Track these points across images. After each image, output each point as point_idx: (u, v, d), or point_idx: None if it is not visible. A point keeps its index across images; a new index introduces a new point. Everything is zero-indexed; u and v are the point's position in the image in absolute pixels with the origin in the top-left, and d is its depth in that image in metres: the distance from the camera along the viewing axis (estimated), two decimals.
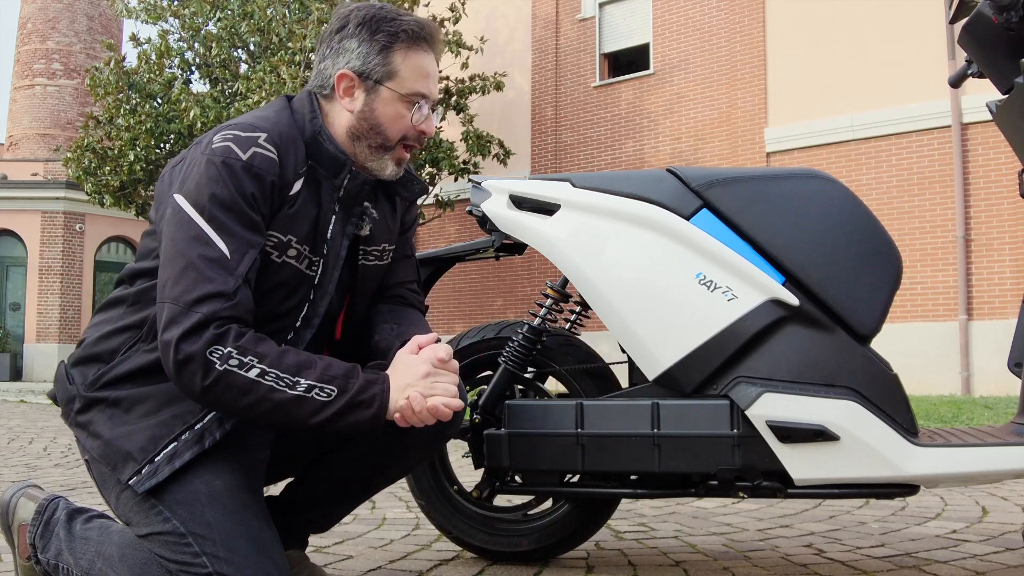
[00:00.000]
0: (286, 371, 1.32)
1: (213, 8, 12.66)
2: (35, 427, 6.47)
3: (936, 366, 10.12)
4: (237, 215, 1.36)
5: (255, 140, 1.41)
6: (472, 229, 14.12)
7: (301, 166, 1.47)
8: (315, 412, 1.33)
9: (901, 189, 10.70)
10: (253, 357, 1.31)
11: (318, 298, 1.52)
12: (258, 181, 1.38)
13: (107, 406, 1.43)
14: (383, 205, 1.64)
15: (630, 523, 2.61)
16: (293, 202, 1.45)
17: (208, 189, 1.36)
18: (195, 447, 1.37)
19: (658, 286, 1.79)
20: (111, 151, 12.40)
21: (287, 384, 1.32)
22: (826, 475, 1.68)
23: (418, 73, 1.49)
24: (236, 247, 1.35)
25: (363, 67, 1.49)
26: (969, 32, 1.89)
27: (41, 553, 1.51)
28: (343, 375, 1.36)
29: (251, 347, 1.32)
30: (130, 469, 1.37)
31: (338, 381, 1.35)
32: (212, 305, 1.31)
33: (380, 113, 1.49)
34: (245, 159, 1.38)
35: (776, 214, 1.78)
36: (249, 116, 1.48)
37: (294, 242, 1.46)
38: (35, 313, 17.74)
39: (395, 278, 1.71)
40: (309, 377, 1.33)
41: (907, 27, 10.68)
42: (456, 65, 12.89)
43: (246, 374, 1.30)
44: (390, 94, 1.48)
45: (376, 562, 2.09)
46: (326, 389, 1.34)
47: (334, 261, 1.53)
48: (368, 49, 1.48)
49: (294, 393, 1.32)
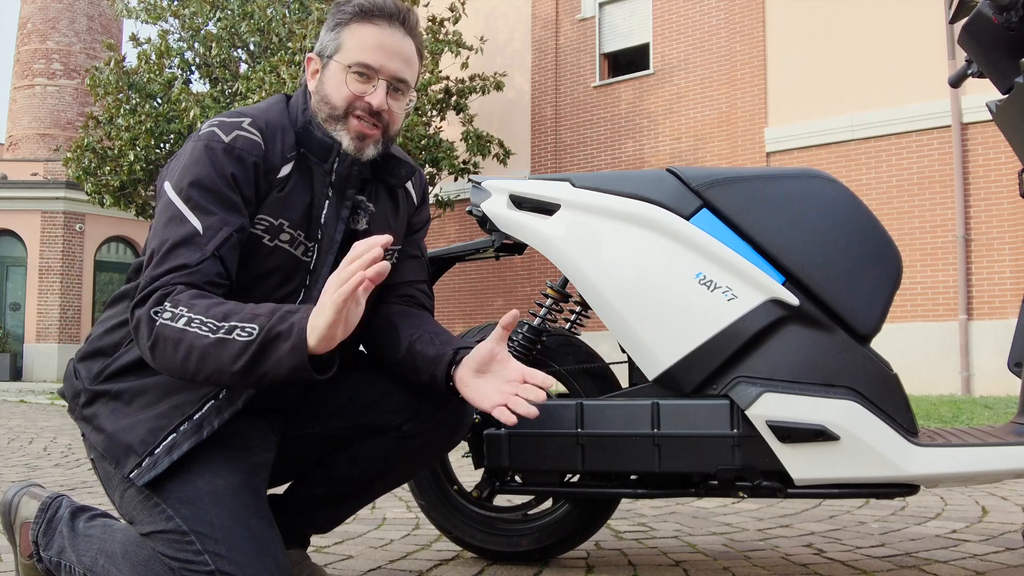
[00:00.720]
0: (213, 316, 1.30)
1: (213, 8, 12.67)
2: (35, 427, 6.47)
3: (936, 366, 10.12)
4: (215, 194, 1.40)
5: (239, 124, 1.46)
6: (472, 229, 14.12)
7: (289, 151, 1.50)
8: (237, 355, 1.27)
9: (901, 189, 10.70)
10: (184, 308, 1.32)
11: (312, 283, 1.52)
12: (239, 162, 1.43)
13: (110, 399, 1.45)
14: (384, 202, 1.64)
15: (630, 523, 2.61)
16: (283, 185, 1.48)
17: (190, 171, 1.42)
18: (193, 437, 1.38)
19: (658, 286, 1.79)
20: (111, 151, 12.40)
21: (211, 328, 1.29)
22: (826, 475, 1.68)
23: (363, 44, 1.49)
24: (210, 223, 1.39)
25: (321, 47, 1.55)
26: (969, 32, 1.89)
27: (43, 551, 1.51)
28: (268, 312, 1.30)
29: (185, 300, 1.32)
30: (131, 462, 1.38)
31: (260, 319, 1.29)
32: (171, 276, 1.35)
33: (327, 84, 1.52)
34: (227, 141, 1.43)
35: (776, 214, 1.78)
36: (242, 108, 1.54)
37: (286, 226, 1.48)
38: (35, 313, 17.74)
39: (403, 277, 1.69)
40: (234, 319, 1.30)
41: (907, 27, 10.68)
42: (456, 65, 12.89)
43: (175, 324, 1.31)
44: (336, 66, 1.51)
45: (376, 562, 2.09)
46: (247, 328, 1.28)
47: (328, 246, 1.53)
48: (326, 30, 1.55)
49: (216, 336, 1.28)
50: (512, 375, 1.42)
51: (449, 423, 1.62)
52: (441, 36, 12.54)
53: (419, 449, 1.62)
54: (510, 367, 1.43)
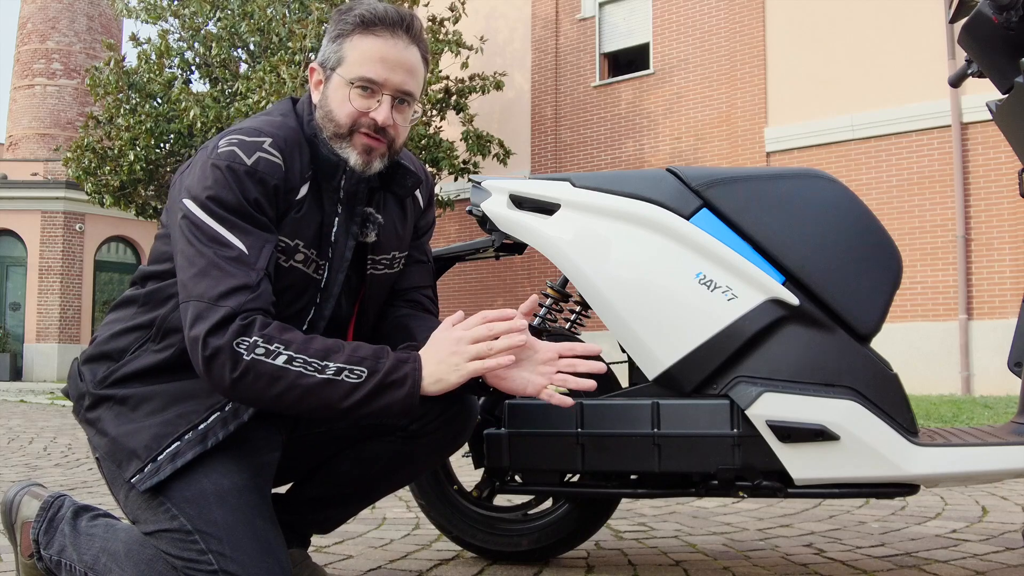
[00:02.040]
0: (314, 355, 1.32)
1: (213, 8, 12.66)
2: (35, 427, 6.47)
3: (936, 366, 10.12)
4: (247, 217, 1.38)
5: (260, 145, 1.42)
6: (472, 229, 14.12)
7: (307, 170, 1.47)
8: (346, 395, 1.32)
9: (901, 189, 10.70)
10: (279, 344, 1.31)
11: (323, 301, 1.52)
12: (262, 186, 1.40)
13: (115, 403, 1.45)
14: (392, 210, 1.62)
15: (630, 523, 2.61)
16: (300, 207, 1.46)
17: (215, 193, 1.37)
18: (198, 447, 1.38)
19: (658, 286, 1.79)
20: (111, 151, 12.40)
21: (315, 368, 1.31)
22: (826, 475, 1.68)
23: (365, 57, 1.45)
24: (252, 243, 1.37)
25: (323, 58, 1.50)
26: (969, 32, 1.89)
27: (44, 550, 1.51)
28: (372, 355, 1.35)
29: (277, 335, 1.32)
30: (134, 467, 1.39)
31: (367, 362, 1.34)
32: (237, 298, 1.32)
33: (331, 99, 1.48)
34: (249, 164, 1.39)
35: (776, 214, 1.78)
36: (255, 120, 1.49)
37: (301, 246, 1.47)
38: (35, 313, 17.74)
39: (409, 282, 1.69)
40: (337, 360, 1.33)
41: (907, 27, 10.68)
42: (456, 65, 12.89)
43: (274, 361, 1.30)
44: (338, 79, 1.47)
45: (376, 562, 2.09)
46: (356, 370, 1.32)
47: (339, 264, 1.52)
48: (328, 40, 1.50)
49: (323, 377, 1.31)
50: (547, 355, 1.43)
51: (455, 424, 1.62)
52: (441, 36, 12.54)
53: (425, 450, 1.62)
54: (541, 349, 1.44)
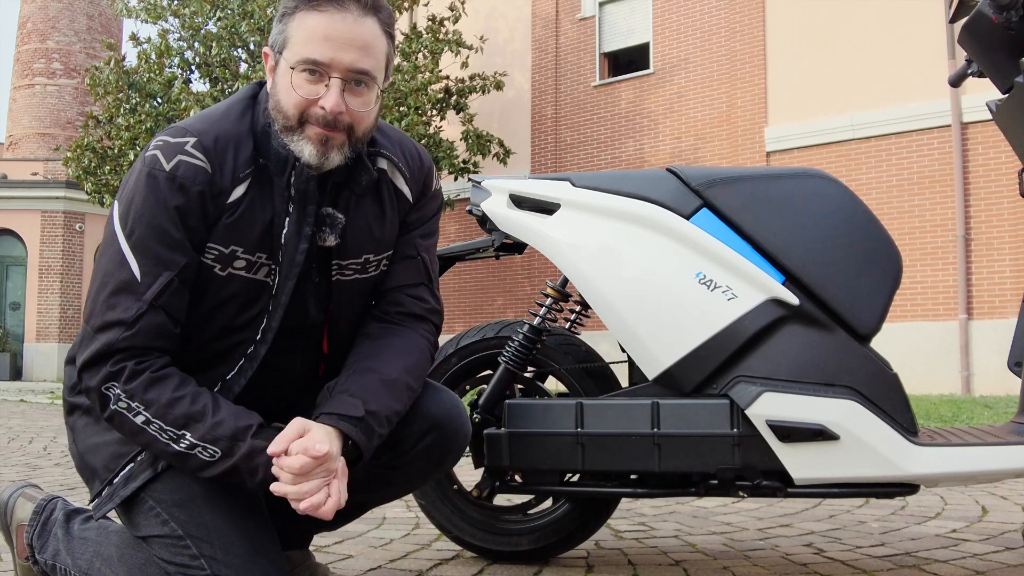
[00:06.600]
0: (172, 423, 1.29)
1: (213, 8, 12.66)
2: (35, 427, 6.47)
3: (936, 366, 10.12)
4: (157, 232, 1.30)
5: (182, 147, 1.32)
6: (472, 229, 14.12)
7: (244, 169, 1.35)
8: (199, 469, 1.31)
9: (901, 188, 10.70)
10: (139, 404, 1.29)
11: (273, 310, 1.40)
12: (183, 192, 1.30)
13: (83, 413, 1.46)
14: (366, 209, 1.46)
15: (630, 523, 2.61)
16: (233, 210, 1.34)
17: (132, 203, 1.32)
18: (148, 470, 1.37)
19: (658, 285, 1.79)
20: (111, 151, 12.42)
21: (171, 437, 1.29)
22: (826, 474, 1.68)
23: (309, 36, 1.30)
24: (149, 268, 1.30)
25: (272, 40, 1.36)
26: (969, 31, 1.89)
27: (39, 553, 1.51)
28: (230, 436, 1.29)
29: (139, 393, 1.29)
30: (94, 489, 1.41)
31: (223, 443, 1.29)
32: (110, 335, 1.29)
33: (278, 87, 1.34)
34: (168, 170, 1.30)
35: (776, 213, 1.78)
36: (195, 116, 1.40)
37: (240, 252, 1.35)
38: (35, 313, 17.75)
39: (393, 281, 1.53)
40: (195, 434, 1.29)
41: (907, 27, 10.68)
42: (456, 65, 12.89)
43: (134, 419, 1.30)
44: (284, 64, 1.33)
45: (376, 561, 2.09)
46: (209, 449, 1.29)
47: (288, 270, 1.39)
48: (276, 21, 1.36)
49: (177, 448, 1.29)
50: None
51: (432, 455, 1.52)
52: (441, 36, 12.54)
53: (402, 477, 1.54)
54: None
